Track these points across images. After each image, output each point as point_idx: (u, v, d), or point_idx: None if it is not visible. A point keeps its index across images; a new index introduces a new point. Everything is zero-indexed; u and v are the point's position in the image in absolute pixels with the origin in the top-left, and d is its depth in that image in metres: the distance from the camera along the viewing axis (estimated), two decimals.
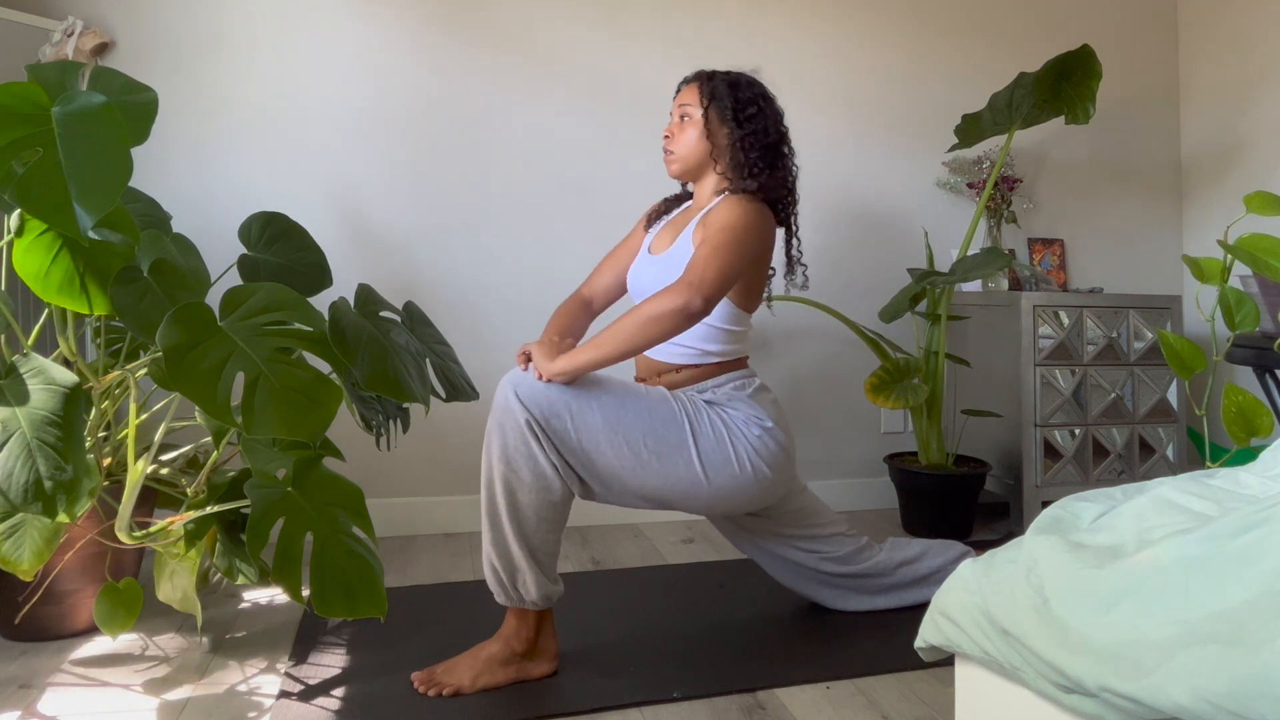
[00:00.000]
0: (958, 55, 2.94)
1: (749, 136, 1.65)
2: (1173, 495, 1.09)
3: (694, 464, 1.51)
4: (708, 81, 1.70)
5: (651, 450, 1.49)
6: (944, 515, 2.43)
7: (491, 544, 1.46)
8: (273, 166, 2.40)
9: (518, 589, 1.47)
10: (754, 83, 1.72)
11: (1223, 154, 3.02)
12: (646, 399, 1.52)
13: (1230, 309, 1.92)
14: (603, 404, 1.47)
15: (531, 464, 1.43)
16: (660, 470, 1.50)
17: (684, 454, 1.51)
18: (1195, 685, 0.75)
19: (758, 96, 1.69)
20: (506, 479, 1.43)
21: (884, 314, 2.56)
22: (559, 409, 1.44)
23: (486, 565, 1.48)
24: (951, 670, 1.54)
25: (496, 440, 1.44)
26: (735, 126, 1.66)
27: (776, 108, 1.72)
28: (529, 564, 1.45)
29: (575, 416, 1.44)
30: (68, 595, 1.69)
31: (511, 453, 1.43)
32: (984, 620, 1.00)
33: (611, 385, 1.51)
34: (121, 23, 2.31)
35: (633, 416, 1.48)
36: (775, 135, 1.69)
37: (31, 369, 1.42)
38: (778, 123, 1.70)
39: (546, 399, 1.43)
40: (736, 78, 1.71)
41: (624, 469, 1.48)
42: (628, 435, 1.47)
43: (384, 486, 2.46)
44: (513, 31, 2.56)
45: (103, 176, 1.29)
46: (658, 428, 1.50)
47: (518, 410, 1.42)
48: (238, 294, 1.49)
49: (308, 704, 1.43)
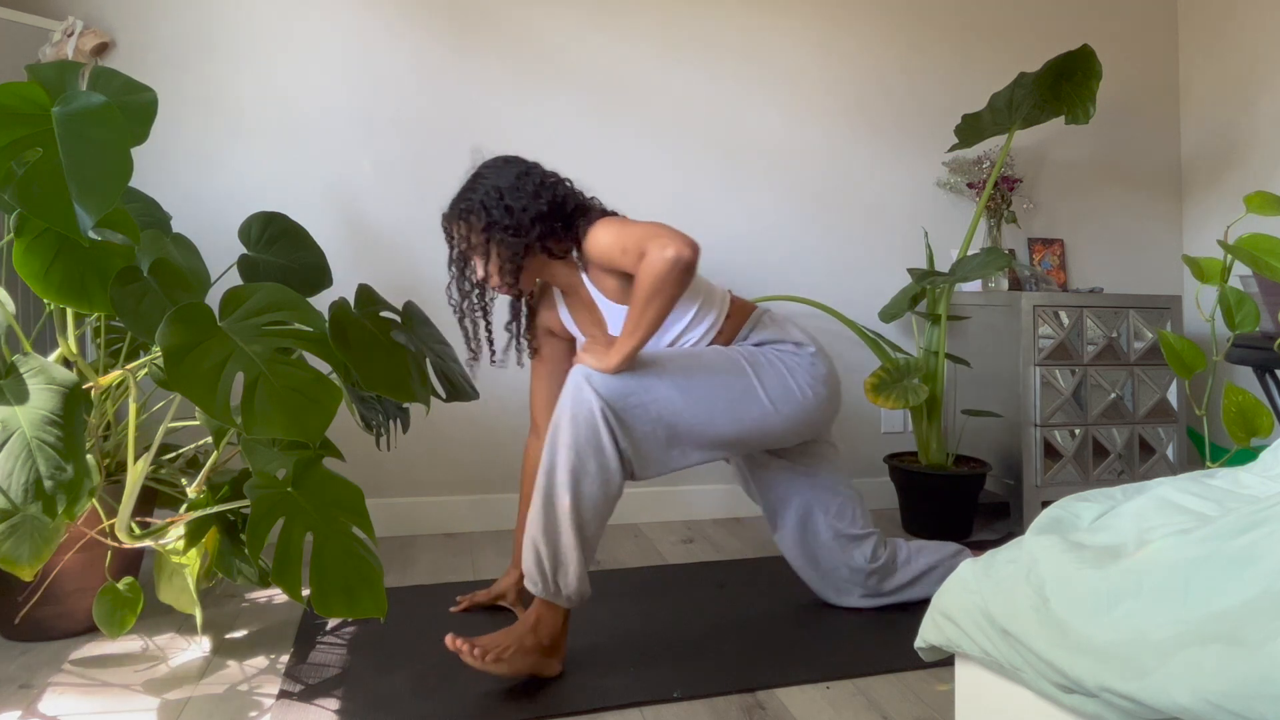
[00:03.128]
0: (958, 55, 2.94)
1: (525, 225, 1.61)
2: (1173, 495, 1.09)
3: (763, 401, 1.62)
4: (460, 219, 1.64)
5: (724, 398, 1.58)
6: (944, 515, 2.43)
7: (542, 533, 1.47)
8: (273, 166, 2.40)
9: (557, 581, 1.48)
10: (479, 183, 1.65)
11: (1223, 154, 3.02)
12: (706, 355, 1.62)
13: (1230, 309, 1.92)
14: (670, 372, 1.55)
15: (599, 454, 1.47)
16: (735, 415, 1.59)
17: (753, 394, 1.61)
18: (1195, 685, 0.75)
19: (490, 194, 1.62)
20: (574, 468, 1.46)
21: (884, 314, 2.56)
22: (632, 387, 1.50)
23: (530, 555, 1.48)
24: (951, 670, 1.54)
25: (568, 430, 1.47)
26: (514, 232, 1.61)
27: (502, 180, 1.63)
28: (577, 556, 1.48)
29: (648, 390, 1.51)
30: (68, 595, 1.69)
31: (582, 442, 1.47)
32: (984, 620, 1.00)
33: (671, 355, 1.59)
34: (121, 23, 2.31)
35: (701, 374, 1.58)
36: (534, 202, 1.62)
37: (31, 369, 1.42)
38: (522, 194, 1.63)
39: (619, 382, 1.49)
40: (471, 196, 1.64)
41: (703, 423, 1.56)
42: (701, 392, 1.56)
43: (384, 486, 2.46)
44: (513, 32, 2.56)
45: (103, 176, 1.29)
46: (725, 378, 1.59)
47: (592, 399, 1.47)
48: (238, 294, 1.49)
49: (308, 704, 1.43)
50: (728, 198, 2.73)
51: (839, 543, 1.80)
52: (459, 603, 1.86)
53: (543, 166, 1.70)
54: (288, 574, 1.40)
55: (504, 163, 1.67)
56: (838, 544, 1.80)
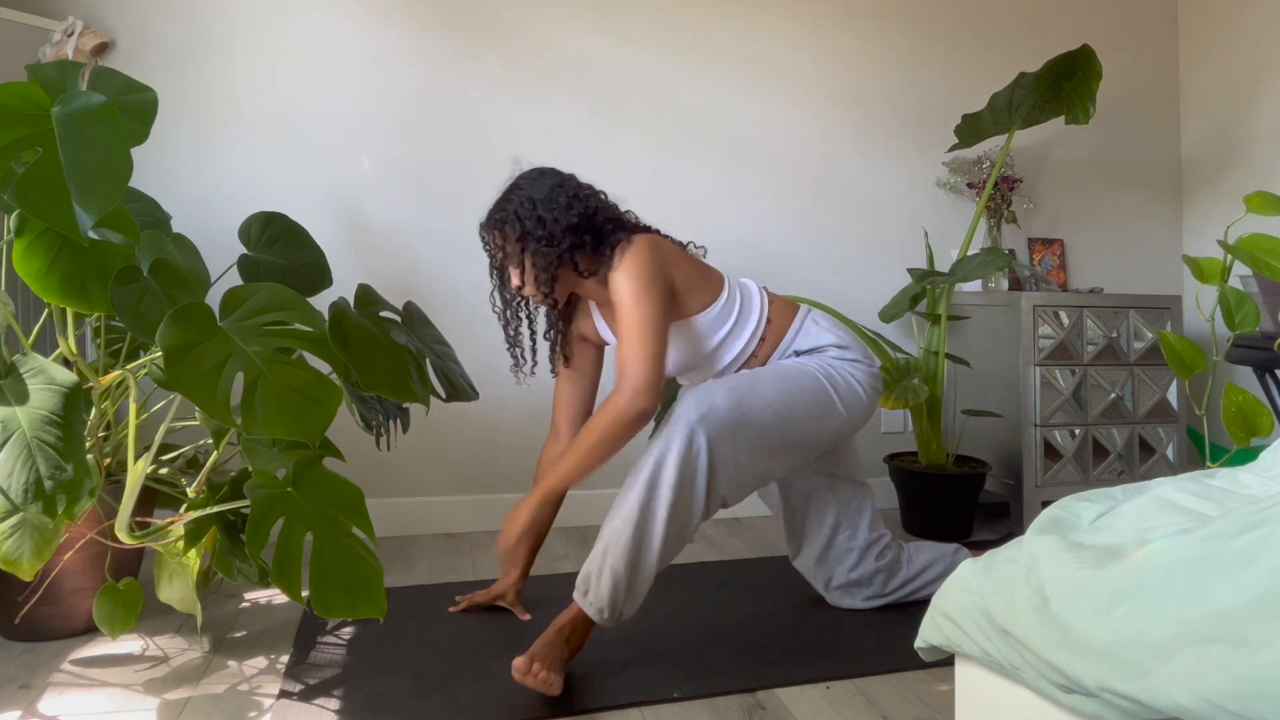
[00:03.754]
0: (958, 55, 2.94)
1: (557, 236, 1.60)
2: (1173, 495, 1.09)
3: (840, 413, 1.65)
4: (496, 229, 1.64)
5: (813, 418, 1.61)
6: (944, 515, 2.43)
7: (628, 566, 1.45)
8: (273, 166, 2.40)
9: (623, 610, 1.48)
10: (514, 194, 1.65)
11: (1223, 154, 3.02)
12: (796, 380, 1.62)
13: (1230, 309, 1.92)
14: (769, 401, 1.56)
15: (699, 498, 1.49)
16: (819, 431, 1.63)
17: (834, 410, 1.64)
18: (1195, 685, 0.75)
19: (524, 205, 1.62)
20: (674, 508, 1.46)
21: (884, 314, 2.56)
22: (741, 424, 1.51)
23: (607, 584, 1.45)
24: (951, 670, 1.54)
25: (674, 471, 1.46)
26: (547, 243, 1.60)
27: (537, 192, 1.63)
28: (648, 588, 1.49)
29: (753, 425, 1.53)
30: (68, 595, 1.69)
31: (687, 486, 1.47)
32: (984, 620, 1.00)
33: (766, 379, 1.59)
34: (121, 23, 2.31)
35: (797, 397, 1.59)
36: (566, 214, 1.61)
37: (31, 369, 1.42)
38: (555, 205, 1.62)
39: (731, 424, 1.50)
40: (506, 207, 1.64)
41: (796, 445, 1.61)
42: (797, 418, 1.59)
43: (384, 486, 2.46)
44: (513, 32, 2.56)
45: (103, 176, 1.29)
46: (814, 399, 1.62)
47: (702, 444, 1.47)
48: (238, 294, 1.49)
49: (308, 704, 1.43)
50: (728, 198, 2.73)
51: (857, 556, 1.82)
52: (458, 603, 1.86)
53: (578, 179, 1.70)
54: (288, 574, 1.40)
55: (539, 174, 1.67)
56: (856, 557, 1.82)
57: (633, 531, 1.45)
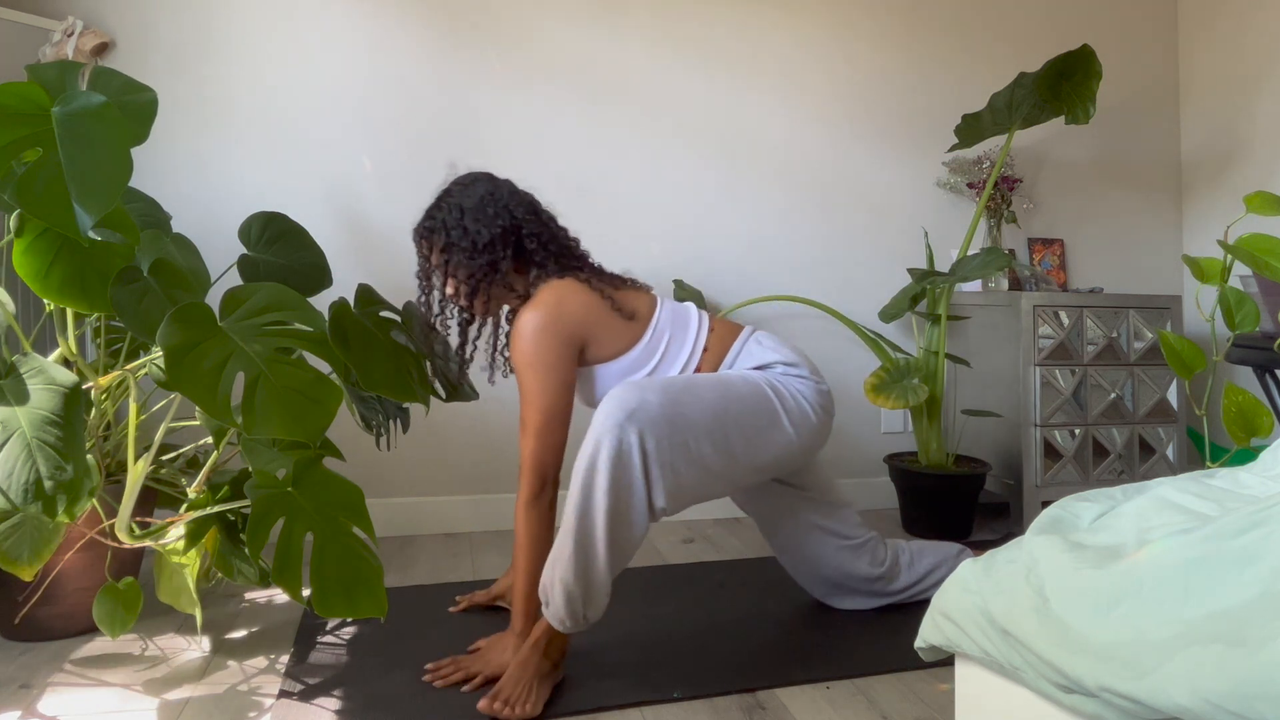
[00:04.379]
0: (958, 55, 2.94)
1: (480, 249, 1.57)
2: (1173, 495, 1.09)
3: (787, 428, 1.57)
4: (424, 237, 1.61)
5: (756, 430, 1.53)
6: (944, 515, 2.43)
7: (574, 574, 1.40)
8: (273, 166, 2.40)
9: (587, 616, 1.44)
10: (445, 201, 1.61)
11: (1223, 154, 3.02)
12: (736, 384, 1.55)
13: (1230, 309, 1.92)
14: (707, 403, 1.48)
15: (636, 497, 1.41)
16: (766, 445, 1.55)
17: (779, 423, 1.56)
18: (1195, 685, 0.75)
19: (452, 213, 1.59)
20: (612, 511, 1.39)
21: (884, 314, 2.56)
22: (677, 426, 1.43)
23: (560, 596, 1.41)
24: (951, 670, 1.54)
25: (606, 472, 1.38)
26: (469, 255, 1.57)
27: (466, 200, 1.59)
28: (609, 590, 1.44)
29: (690, 428, 1.45)
30: (68, 595, 1.69)
31: (622, 486, 1.39)
32: (984, 620, 1.00)
33: (705, 385, 1.52)
34: (121, 23, 2.31)
35: (735, 405, 1.52)
36: (491, 225, 1.57)
37: (31, 369, 1.42)
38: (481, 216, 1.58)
39: (665, 422, 1.42)
40: (436, 214, 1.61)
41: (739, 455, 1.51)
42: (737, 427, 1.51)
43: (384, 486, 2.46)
44: (512, 32, 2.56)
45: (103, 176, 1.29)
46: (755, 407, 1.54)
47: (634, 442, 1.39)
48: (238, 294, 1.49)
49: (308, 704, 1.43)
50: (727, 197, 2.73)
51: (842, 553, 1.80)
52: (458, 603, 1.86)
53: (513, 186, 1.65)
54: (288, 574, 1.40)
55: (473, 180, 1.63)
56: (841, 555, 1.80)
57: (573, 542, 1.39)
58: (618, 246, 2.61)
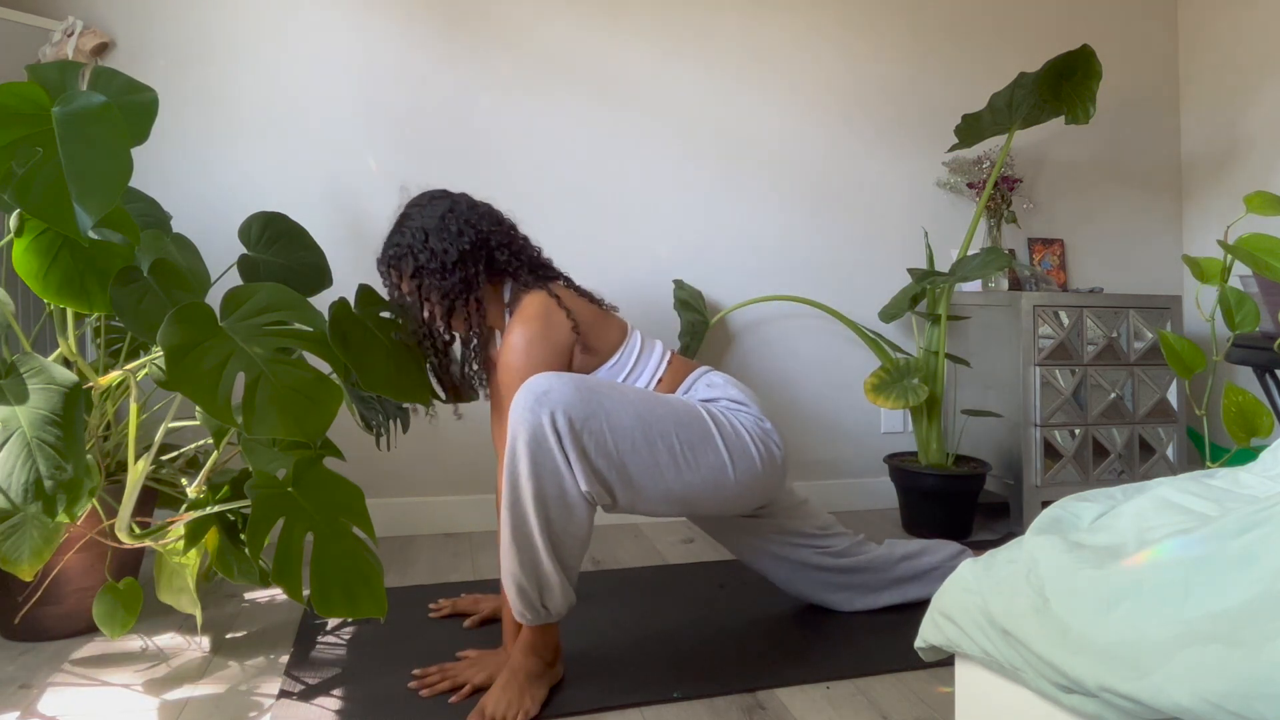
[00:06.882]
0: (958, 55, 2.94)
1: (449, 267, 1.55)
2: (1173, 495, 1.09)
3: (721, 451, 1.50)
4: (392, 266, 1.59)
5: (683, 443, 1.46)
6: (944, 515, 2.43)
7: (519, 566, 1.38)
8: (273, 166, 2.40)
9: (546, 606, 1.42)
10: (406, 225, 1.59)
11: (1223, 154, 3.02)
12: (670, 400, 1.51)
13: (1230, 309, 1.92)
14: (633, 402, 1.44)
15: (559, 478, 1.37)
16: (691, 465, 1.47)
17: (711, 442, 1.49)
18: (1195, 685, 0.75)
19: (417, 236, 1.57)
20: (538, 495, 1.36)
21: (884, 314, 2.56)
22: (594, 409, 1.38)
23: (513, 590, 1.40)
24: (952, 670, 1.54)
25: (526, 458, 1.35)
26: (441, 275, 1.56)
27: (428, 221, 1.58)
28: (559, 578, 1.40)
29: (609, 416, 1.40)
30: (68, 595, 1.69)
31: (542, 468, 1.36)
32: (984, 620, 1.00)
33: (634, 389, 1.49)
34: (121, 23, 2.31)
35: (663, 411, 1.47)
36: (457, 241, 1.56)
37: (31, 369, 1.42)
38: (446, 234, 1.57)
39: (581, 403, 1.38)
40: (400, 240, 1.59)
41: (658, 466, 1.44)
42: (661, 431, 1.44)
43: (384, 486, 2.46)
44: (513, 32, 2.56)
45: (103, 176, 1.29)
46: (687, 422, 1.48)
47: (545, 419, 1.35)
48: (238, 294, 1.49)
49: (308, 704, 1.43)
50: (727, 197, 2.73)
51: (830, 559, 1.79)
52: (440, 606, 1.84)
53: (470, 199, 1.63)
54: (288, 574, 1.40)
55: (429, 199, 1.61)
56: (830, 560, 1.79)
57: (509, 532, 1.38)
58: (618, 246, 2.61)
